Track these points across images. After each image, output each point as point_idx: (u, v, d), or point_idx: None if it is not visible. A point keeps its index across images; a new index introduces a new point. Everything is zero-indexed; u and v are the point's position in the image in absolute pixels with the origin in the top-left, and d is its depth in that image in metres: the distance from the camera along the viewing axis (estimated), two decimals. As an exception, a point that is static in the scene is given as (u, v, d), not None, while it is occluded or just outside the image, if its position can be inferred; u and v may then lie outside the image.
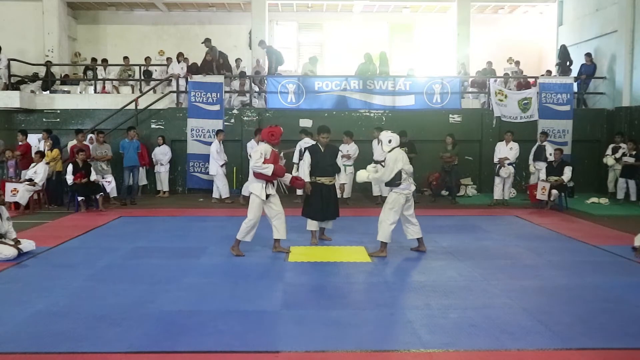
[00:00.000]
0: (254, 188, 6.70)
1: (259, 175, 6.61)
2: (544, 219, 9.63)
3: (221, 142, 11.81)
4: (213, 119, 12.59)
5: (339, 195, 7.67)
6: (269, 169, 6.52)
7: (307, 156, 7.41)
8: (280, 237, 6.94)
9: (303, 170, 7.41)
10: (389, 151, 6.79)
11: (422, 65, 16.46)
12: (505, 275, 6.03)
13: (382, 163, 9.32)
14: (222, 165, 11.68)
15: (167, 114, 13.18)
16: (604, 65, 13.96)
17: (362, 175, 7.17)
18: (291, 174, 7.48)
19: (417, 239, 7.01)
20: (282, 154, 7.10)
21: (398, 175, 6.68)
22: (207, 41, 13.60)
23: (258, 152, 6.59)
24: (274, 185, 6.81)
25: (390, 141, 6.83)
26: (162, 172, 12.59)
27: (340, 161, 7.64)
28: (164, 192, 12.63)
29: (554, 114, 12.95)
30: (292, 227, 8.59)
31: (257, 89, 14.13)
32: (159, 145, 12.55)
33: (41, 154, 10.70)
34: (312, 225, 7.51)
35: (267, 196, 6.67)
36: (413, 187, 6.96)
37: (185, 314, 4.73)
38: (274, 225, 6.88)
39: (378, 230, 6.80)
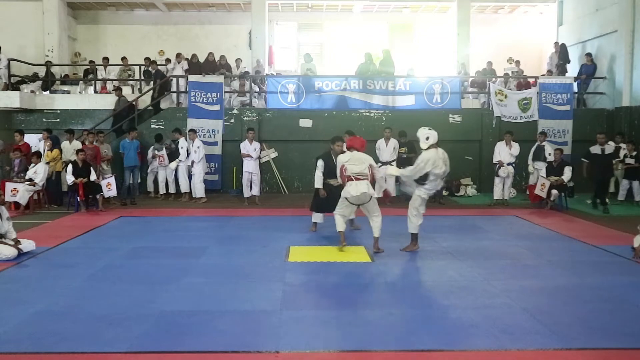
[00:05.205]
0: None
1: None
2: (544, 219, 9.62)
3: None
4: (213, 119, 12.61)
5: None
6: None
7: (320, 164, 7.74)
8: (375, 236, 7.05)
9: (316, 178, 7.82)
10: (426, 149, 6.73)
11: (422, 65, 16.47)
12: (505, 275, 6.03)
13: (391, 163, 9.45)
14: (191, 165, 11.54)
15: (167, 114, 13.18)
16: (604, 65, 13.96)
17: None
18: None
19: (411, 234, 7.02)
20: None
21: (425, 176, 6.68)
22: None
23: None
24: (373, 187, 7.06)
25: (427, 138, 6.69)
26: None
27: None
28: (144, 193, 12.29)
29: (554, 114, 12.97)
30: (293, 228, 8.59)
31: (257, 89, 14.14)
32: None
33: (38, 155, 10.67)
34: (316, 217, 8.09)
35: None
36: (439, 187, 7.15)
37: (185, 314, 4.73)
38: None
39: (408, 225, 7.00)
